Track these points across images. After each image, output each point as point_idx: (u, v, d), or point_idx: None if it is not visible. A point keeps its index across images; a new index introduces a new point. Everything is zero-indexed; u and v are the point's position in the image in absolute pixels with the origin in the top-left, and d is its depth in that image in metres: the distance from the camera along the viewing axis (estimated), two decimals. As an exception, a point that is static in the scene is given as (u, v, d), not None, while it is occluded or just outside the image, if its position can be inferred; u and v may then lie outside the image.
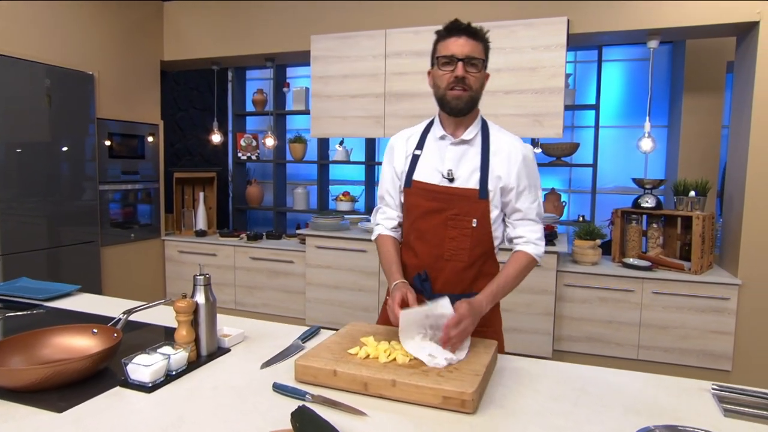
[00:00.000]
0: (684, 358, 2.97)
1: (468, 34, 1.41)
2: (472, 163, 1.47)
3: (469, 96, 1.42)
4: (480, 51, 1.42)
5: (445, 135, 1.50)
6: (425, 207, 1.49)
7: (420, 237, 1.52)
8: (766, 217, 2.79)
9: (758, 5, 2.72)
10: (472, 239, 1.48)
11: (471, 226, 1.46)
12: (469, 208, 1.46)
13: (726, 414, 1.12)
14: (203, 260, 4.17)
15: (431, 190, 1.48)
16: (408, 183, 1.53)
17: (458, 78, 1.39)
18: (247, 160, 5.07)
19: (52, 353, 1.26)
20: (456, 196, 1.46)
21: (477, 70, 1.41)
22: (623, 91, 4.19)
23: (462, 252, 1.48)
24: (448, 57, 1.40)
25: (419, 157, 1.52)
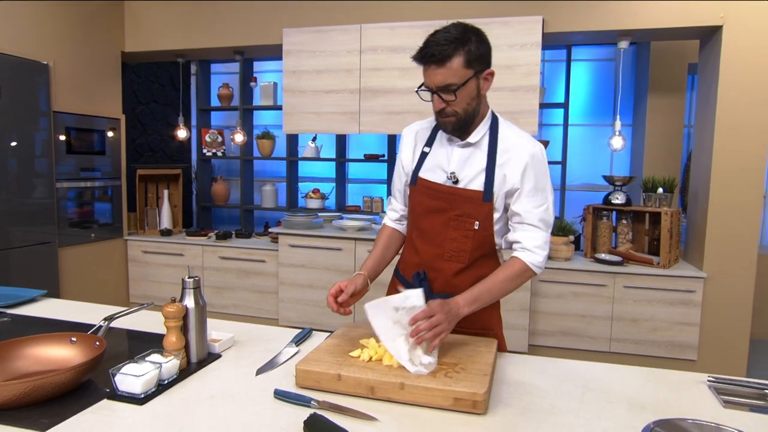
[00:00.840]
0: (653, 350, 3.08)
1: (435, 61, 1.29)
2: (478, 164, 1.42)
3: (455, 120, 1.36)
4: (454, 72, 1.29)
5: (452, 137, 1.45)
6: (427, 205, 1.47)
7: (421, 235, 1.50)
8: (730, 214, 2.92)
9: (722, 10, 2.83)
10: (473, 241, 1.44)
11: (473, 228, 1.43)
12: (472, 210, 1.42)
13: (725, 405, 1.15)
14: (169, 260, 4.01)
15: (435, 189, 1.45)
16: (414, 180, 1.49)
17: (436, 111, 1.37)
18: (213, 156, 4.91)
19: (27, 365, 1.16)
20: (460, 197, 1.42)
21: (453, 98, 1.31)
22: (589, 90, 4.30)
23: (463, 253, 1.45)
24: (426, 86, 1.35)
25: (428, 154, 1.49)
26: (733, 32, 2.83)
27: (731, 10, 2.83)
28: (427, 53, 1.30)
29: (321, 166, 4.87)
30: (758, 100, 2.83)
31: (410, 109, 3.38)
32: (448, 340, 1.34)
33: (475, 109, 1.38)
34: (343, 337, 1.36)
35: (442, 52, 1.28)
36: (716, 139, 2.90)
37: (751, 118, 2.85)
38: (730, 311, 2.97)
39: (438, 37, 1.30)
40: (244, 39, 3.74)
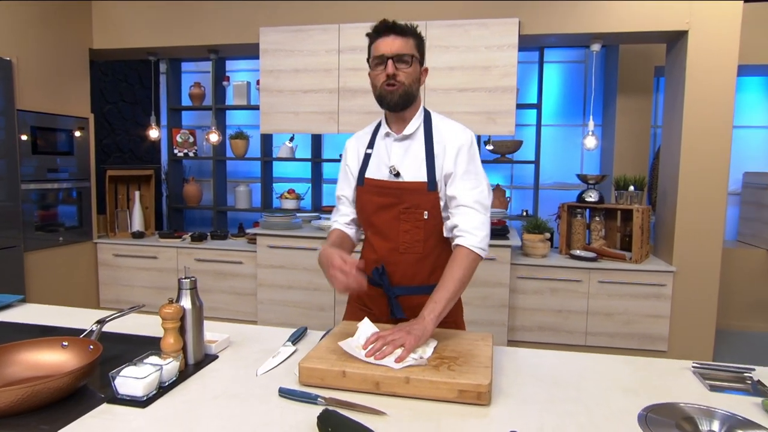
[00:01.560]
0: (626, 342, 3.19)
1: (395, 31, 1.42)
2: (417, 156, 1.48)
3: (403, 90, 1.42)
4: (410, 47, 1.43)
5: (389, 132, 1.52)
6: (377, 202, 1.51)
7: (376, 232, 1.54)
8: (697, 210, 3.06)
9: (687, 16, 2.97)
10: (425, 231, 1.49)
11: (423, 218, 1.48)
12: (419, 201, 1.47)
13: (711, 389, 1.21)
14: (142, 264, 3.90)
15: (381, 186, 1.50)
16: (361, 181, 1.55)
17: (389, 75, 1.41)
18: (185, 157, 4.80)
19: (19, 372, 1.12)
20: (405, 190, 1.48)
21: (407, 65, 1.42)
22: (559, 91, 4.42)
23: (416, 244, 1.50)
24: (378, 57, 1.43)
25: (371, 155, 1.55)
26: (698, 37, 2.97)
27: (696, 15, 2.96)
28: (388, 25, 1.42)
29: (295, 167, 4.84)
30: (722, 102, 2.97)
31: (389, 109, 3.39)
32: (445, 336, 1.37)
33: (416, 91, 1.47)
34: (342, 334, 1.36)
35: (402, 28, 1.44)
36: (683, 140, 3.03)
37: (715, 119, 2.99)
38: (697, 303, 3.10)
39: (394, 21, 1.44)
40: (219, 38, 3.68)
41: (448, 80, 3.29)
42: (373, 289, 1.54)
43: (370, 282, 1.52)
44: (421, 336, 1.24)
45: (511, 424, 1.02)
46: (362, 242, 1.66)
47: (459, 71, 3.25)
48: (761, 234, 3.90)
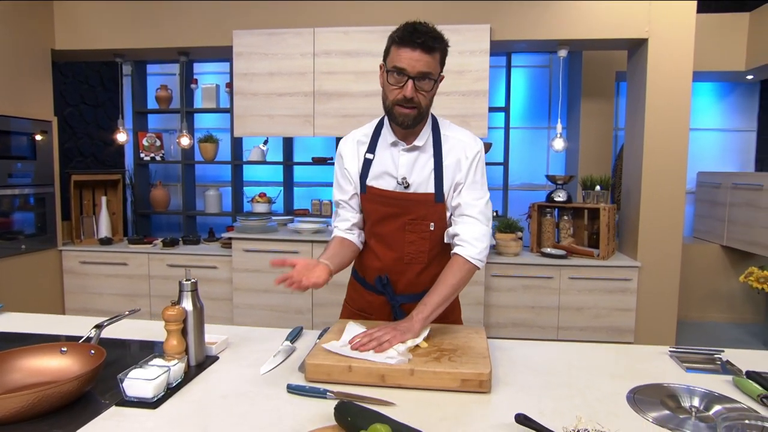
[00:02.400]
0: (596, 335, 3.34)
1: (424, 48, 1.28)
2: (426, 167, 1.44)
3: (417, 113, 1.35)
4: (435, 64, 1.31)
5: (396, 141, 1.44)
6: (382, 212, 1.47)
7: (380, 240, 1.51)
8: (659, 208, 3.24)
9: (646, 24, 3.15)
10: (430, 242, 1.47)
11: (429, 229, 1.46)
12: (426, 212, 1.44)
13: (688, 370, 1.31)
14: (111, 271, 3.79)
15: (387, 196, 1.45)
16: (363, 189, 1.48)
17: (406, 98, 1.31)
18: (151, 161, 4.70)
19: (22, 378, 1.10)
20: (413, 201, 1.44)
21: (428, 89, 1.33)
22: (524, 95, 4.57)
23: (421, 255, 1.48)
24: (399, 70, 1.30)
25: (371, 161, 1.46)
26: (656, 44, 3.16)
27: (654, 24, 3.15)
28: (419, 37, 1.27)
29: (266, 170, 4.81)
30: (680, 106, 3.17)
31: (365, 113, 3.44)
32: (441, 330, 1.42)
33: (428, 111, 1.40)
34: (341, 332, 1.40)
35: (432, 42, 1.29)
36: (646, 141, 3.21)
37: (674, 122, 3.18)
38: (660, 296, 3.28)
39: (426, 27, 1.30)
40: (190, 40, 3.63)
41: (422, 84, 3.36)
42: (374, 296, 1.54)
43: (370, 289, 1.55)
44: (406, 332, 1.27)
45: (512, 409, 1.08)
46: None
47: (433, 75, 3.33)
48: (715, 230, 4.15)
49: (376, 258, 1.52)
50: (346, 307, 1.68)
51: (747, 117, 4.54)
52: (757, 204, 3.62)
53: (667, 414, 1.08)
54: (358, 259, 1.60)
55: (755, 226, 3.64)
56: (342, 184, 1.53)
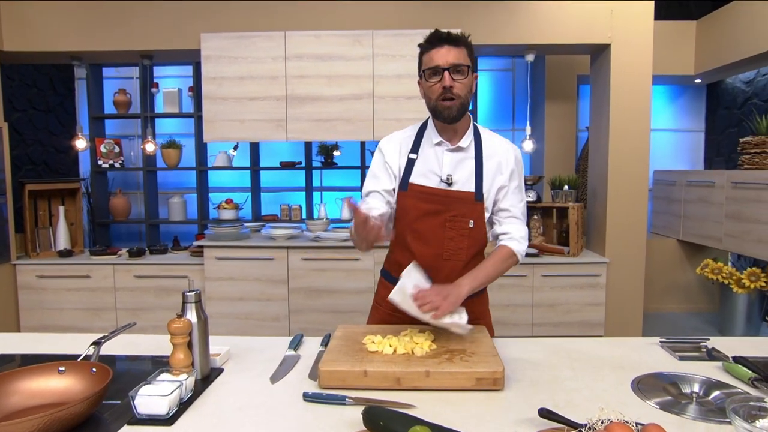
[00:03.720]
0: (568, 330, 3.45)
1: (450, 42, 1.42)
2: (468, 167, 1.52)
3: (459, 104, 1.44)
4: (464, 56, 1.44)
5: (441, 141, 1.52)
6: (423, 209, 1.52)
7: (418, 237, 1.54)
8: (625, 205, 3.40)
9: (609, 31, 3.31)
10: (469, 239, 1.53)
11: (468, 227, 1.51)
12: (467, 210, 1.51)
13: (681, 359, 1.38)
14: (73, 284, 3.61)
15: (429, 193, 1.51)
16: (405, 186, 1.53)
17: (446, 88, 1.41)
18: (110, 168, 4.51)
19: (22, 401, 1.04)
20: (454, 198, 1.50)
21: (463, 77, 1.43)
22: (488, 98, 4.67)
23: (460, 252, 1.53)
24: (433, 68, 1.42)
25: (415, 161, 1.54)
26: (619, 49, 3.32)
27: (617, 30, 3.31)
28: (443, 35, 1.43)
29: (232, 176, 4.71)
30: (642, 108, 3.34)
31: (339, 117, 3.43)
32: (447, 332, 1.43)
33: (469, 101, 1.49)
34: (346, 338, 1.39)
35: (456, 37, 1.44)
36: (611, 142, 3.35)
37: (636, 123, 3.35)
38: (627, 290, 3.44)
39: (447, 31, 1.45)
40: (154, 43, 3.51)
41: (396, 88, 3.39)
42: None
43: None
44: (455, 302, 1.35)
45: (528, 404, 1.11)
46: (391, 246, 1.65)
47: (406, 79, 3.36)
48: (671, 225, 4.39)
49: (412, 255, 1.53)
50: (377, 309, 1.67)
51: (695, 118, 4.83)
52: (709, 200, 3.85)
53: (671, 400, 1.14)
54: (392, 258, 1.65)
55: (708, 221, 3.87)
56: (379, 175, 1.57)
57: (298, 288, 3.48)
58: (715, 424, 1.03)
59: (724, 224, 3.67)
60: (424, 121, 1.60)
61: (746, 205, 3.44)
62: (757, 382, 1.19)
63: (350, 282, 3.45)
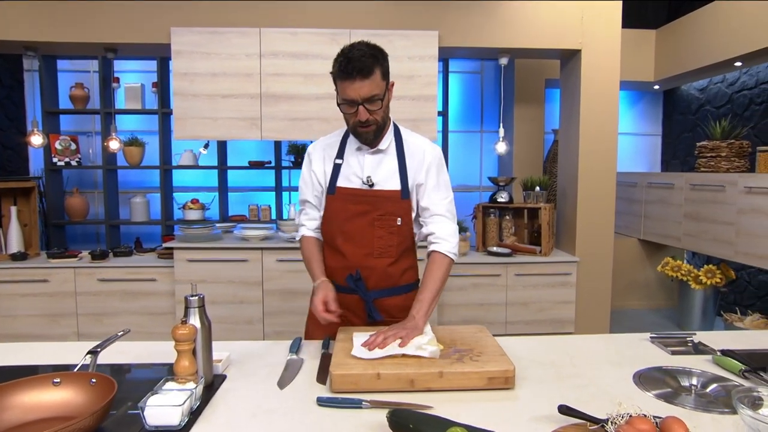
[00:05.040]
0: (540, 328, 3.54)
1: (362, 75, 1.37)
2: (389, 167, 1.56)
3: (376, 127, 1.48)
4: (377, 83, 1.41)
5: (361, 146, 1.56)
6: (351, 210, 1.56)
7: (348, 238, 1.57)
8: (594, 206, 3.52)
9: (580, 37, 3.42)
10: (398, 236, 1.57)
11: (396, 224, 1.56)
12: (394, 208, 1.55)
13: (672, 353, 1.44)
14: (28, 289, 3.40)
15: (355, 194, 1.55)
16: (332, 190, 1.58)
17: (361, 121, 1.44)
18: (66, 166, 4.28)
19: (19, 416, 0.97)
20: (380, 198, 1.55)
21: (378, 106, 1.44)
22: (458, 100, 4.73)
23: (390, 248, 1.58)
24: (348, 101, 1.42)
25: (341, 165, 1.59)
26: (589, 54, 3.43)
27: (587, 37, 3.42)
28: (353, 67, 1.37)
29: (196, 175, 4.57)
30: (610, 111, 3.47)
31: (315, 116, 3.39)
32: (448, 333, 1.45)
33: (386, 119, 1.53)
34: (350, 340, 1.37)
35: (366, 66, 1.37)
36: (581, 144, 3.46)
37: (604, 126, 3.48)
38: (596, 288, 3.56)
39: (355, 53, 1.38)
40: (120, 35, 3.35)
41: (373, 88, 3.37)
42: (345, 296, 1.57)
43: (342, 290, 1.57)
44: (414, 329, 1.36)
45: (541, 401, 1.13)
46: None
47: (384, 79, 3.35)
48: (632, 225, 4.58)
49: (343, 257, 1.58)
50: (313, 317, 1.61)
51: (653, 123, 5.06)
52: (668, 201, 4.05)
53: (671, 392, 1.19)
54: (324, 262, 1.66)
55: (667, 221, 4.07)
56: (309, 185, 1.64)
57: (273, 290, 3.41)
58: (719, 414, 1.08)
59: (682, 224, 3.87)
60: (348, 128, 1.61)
61: (703, 205, 3.64)
62: (747, 373, 1.26)
63: (326, 283, 3.40)
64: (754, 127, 3.88)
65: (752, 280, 3.99)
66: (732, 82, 4.14)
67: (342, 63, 1.39)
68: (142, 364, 1.36)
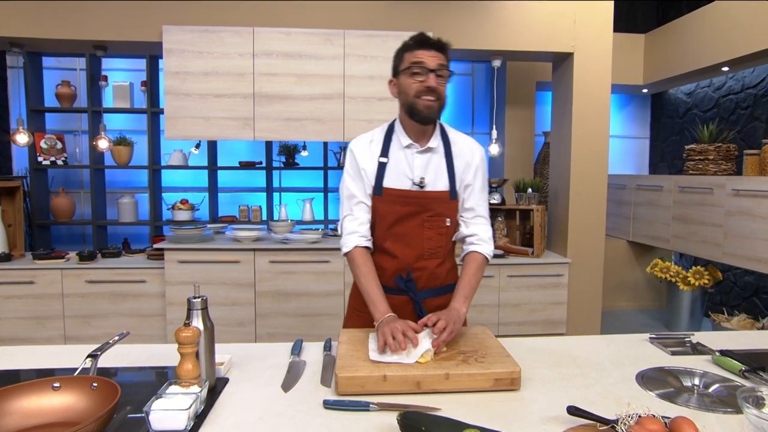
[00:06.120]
0: (532, 329, 3.56)
1: (437, 47, 1.47)
2: (438, 167, 1.55)
3: (439, 105, 1.48)
4: (446, 61, 1.49)
5: (411, 143, 1.54)
6: (401, 212, 1.53)
7: (398, 240, 1.55)
8: (585, 208, 3.55)
9: (572, 40, 3.45)
10: (446, 237, 1.58)
11: (445, 225, 1.55)
12: (443, 209, 1.54)
13: (672, 354, 1.45)
14: (13, 291, 3.32)
15: (405, 196, 1.53)
16: (378, 191, 1.54)
17: (430, 88, 1.44)
18: (52, 165, 4.20)
19: (21, 421, 0.94)
20: (431, 199, 1.53)
21: (444, 81, 1.48)
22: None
23: (440, 249, 1.57)
24: (418, 64, 1.44)
25: (386, 164, 1.54)
26: (581, 57, 3.46)
27: (580, 40, 3.45)
28: (430, 39, 1.48)
29: (186, 175, 4.51)
30: (602, 114, 3.50)
31: (309, 116, 3.37)
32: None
33: (445, 104, 1.52)
34: (354, 343, 1.36)
35: (442, 43, 1.49)
36: (573, 146, 3.49)
37: (596, 128, 3.51)
38: (587, 289, 3.59)
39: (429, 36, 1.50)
40: (110, 33, 3.29)
41: (367, 88, 3.37)
42: (393, 297, 1.53)
43: (390, 291, 1.54)
44: (457, 320, 1.37)
45: (548, 402, 1.13)
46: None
47: (378, 80, 3.35)
48: (621, 227, 4.63)
49: (393, 258, 1.56)
50: (357, 316, 1.62)
51: (641, 126, 5.13)
52: (657, 203, 4.10)
53: (674, 392, 1.20)
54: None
55: (656, 222, 4.12)
56: (360, 182, 1.56)
57: (265, 291, 3.38)
58: (723, 414, 1.09)
59: (671, 226, 3.92)
60: (390, 124, 1.61)
61: (691, 208, 3.69)
62: (747, 373, 1.27)
63: (320, 285, 3.39)
64: (740, 131, 3.95)
65: (738, 281, 4.06)
66: (719, 87, 4.21)
67: (418, 36, 1.49)
68: (139, 367, 1.34)
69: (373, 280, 1.49)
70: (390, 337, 1.26)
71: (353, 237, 1.55)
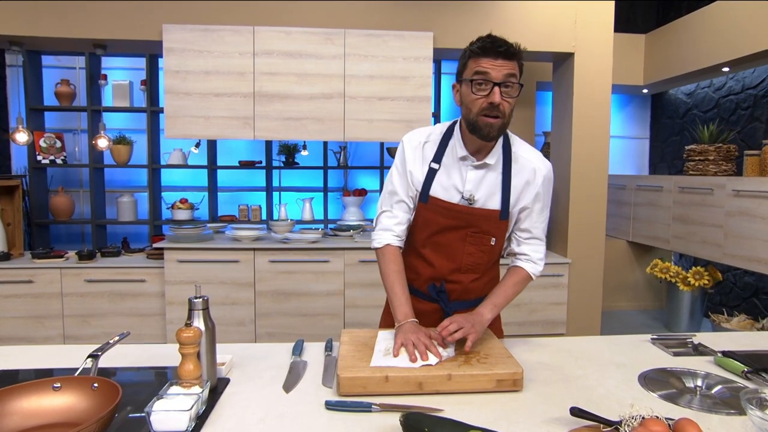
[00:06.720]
0: (533, 329, 3.55)
1: (506, 55, 1.30)
2: (492, 184, 1.44)
3: (502, 123, 1.34)
4: (516, 70, 1.34)
5: (467, 156, 1.42)
6: (443, 223, 1.45)
7: (437, 250, 1.49)
8: (585, 208, 3.55)
9: (573, 40, 3.45)
10: (489, 255, 1.49)
11: (490, 244, 1.46)
12: (490, 228, 1.44)
13: (674, 355, 1.45)
14: (11, 290, 3.31)
15: (450, 209, 1.44)
16: (425, 198, 1.45)
17: (493, 104, 1.30)
18: (51, 164, 4.19)
19: (22, 422, 0.93)
20: (477, 216, 1.43)
21: (512, 94, 1.33)
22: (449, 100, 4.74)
23: (479, 266, 1.50)
24: (483, 75, 1.30)
25: (437, 171, 1.44)
26: (582, 57, 3.46)
27: (580, 40, 3.45)
28: (499, 45, 1.30)
29: (185, 174, 4.51)
30: (602, 114, 3.50)
31: (309, 116, 3.36)
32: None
33: (510, 121, 1.38)
34: (356, 343, 1.36)
35: (512, 50, 1.32)
36: (573, 147, 3.49)
37: (597, 129, 3.51)
38: (587, 289, 3.59)
39: (500, 39, 1.33)
40: (110, 31, 3.29)
41: (368, 88, 3.37)
42: (424, 303, 1.51)
43: (421, 296, 1.52)
44: (481, 330, 1.35)
45: (550, 403, 1.12)
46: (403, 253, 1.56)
47: (378, 80, 3.35)
48: (620, 227, 4.63)
49: (430, 266, 1.50)
50: (389, 317, 1.57)
51: (641, 126, 5.13)
52: (657, 203, 4.10)
53: (676, 393, 1.19)
54: (407, 267, 1.54)
55: (656, 223, 4.12)
56: (405, 181, 1.48)
57: (265, 291, 3.37)
58: (726, 415, 1.08)
59: (671, 226, 3.92)
60: (450, 126, 1.49)
61: (691, 208, 3.69)
62: (750, 374, 1.27)
63: (320, 284, 3.38)
64: (741, 131, 3.95)
65: (738, 282, 4.06)
66: (719, 87, 4.21)
67: (485, 41, 1.31)
68: (139, 367, 1.33)
69: (399, 281, 1.45)
70: (412, 346, 1.23)
71: (387, 235, 1.50)
